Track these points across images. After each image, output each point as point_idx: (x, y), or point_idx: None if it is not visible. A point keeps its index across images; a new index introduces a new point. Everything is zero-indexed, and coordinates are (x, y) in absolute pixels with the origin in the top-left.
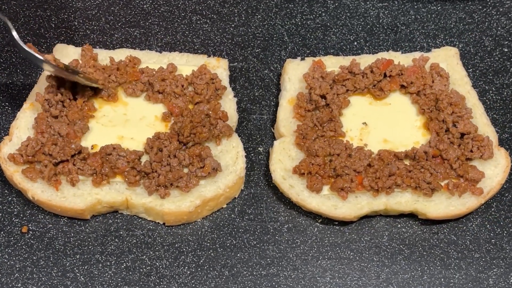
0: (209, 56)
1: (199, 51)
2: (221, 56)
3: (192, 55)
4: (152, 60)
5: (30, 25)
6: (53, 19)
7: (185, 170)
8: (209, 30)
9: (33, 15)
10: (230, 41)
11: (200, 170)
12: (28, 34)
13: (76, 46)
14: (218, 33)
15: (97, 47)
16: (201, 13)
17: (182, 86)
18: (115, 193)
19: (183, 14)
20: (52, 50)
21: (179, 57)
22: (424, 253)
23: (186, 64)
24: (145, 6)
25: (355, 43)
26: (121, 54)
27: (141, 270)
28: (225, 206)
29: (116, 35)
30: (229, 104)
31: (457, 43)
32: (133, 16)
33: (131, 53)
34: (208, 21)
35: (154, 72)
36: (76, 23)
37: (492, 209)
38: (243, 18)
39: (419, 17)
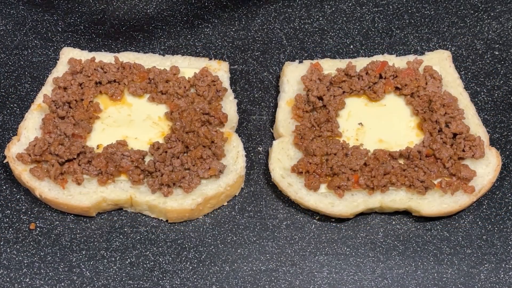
0: (210, 59)
1: (200, 54)
2: (222, 59)
3: (194, 58)
4: (155, 63)
5: (37, 29)
6: (60, 23)
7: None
8: (210, 34)
9: (40, 19)
10: (230, 44)
11: (204, 171)
12: (36, 37)
13: (82, 49)
14: (219, 37)
15: (102, 50)
16: (202, 18)
17: (185, 87)
18: (120, 191)
19: (185, 19)
20: (59, 53)
21: (182, 60)
22: (418, 249)
23: (188, 66)
24: (148, 10)
25: (351, 46)
26: (125, 57)
27: (145, 265)
28: (225, 203)
29: (120, 39)
30: (229, 105)
31: (449, 46)
32: (137, 21)
33: (135, 56)
34: (209, 25)
35: (159, 72)
36: (82, 27)
37: (484, 207)
38: (243, 22)
39: (413, 21)
